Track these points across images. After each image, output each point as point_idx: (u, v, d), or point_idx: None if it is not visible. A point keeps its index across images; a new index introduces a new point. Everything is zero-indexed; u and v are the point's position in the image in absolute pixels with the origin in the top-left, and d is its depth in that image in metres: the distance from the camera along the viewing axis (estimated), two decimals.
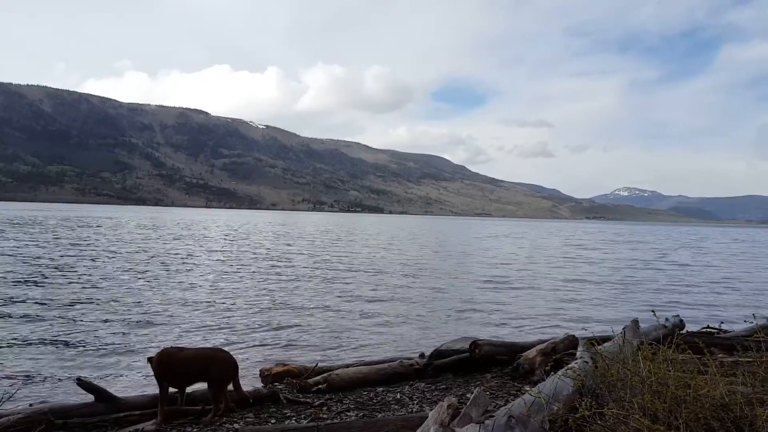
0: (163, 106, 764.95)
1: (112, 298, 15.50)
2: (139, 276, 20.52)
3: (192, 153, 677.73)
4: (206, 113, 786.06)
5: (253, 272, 23.34)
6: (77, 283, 18.24)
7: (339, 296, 17.60)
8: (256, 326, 12.72)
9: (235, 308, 14.90)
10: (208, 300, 16.04)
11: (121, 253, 29.05)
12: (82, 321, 12.49)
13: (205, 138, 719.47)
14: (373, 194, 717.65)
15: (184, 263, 25.67)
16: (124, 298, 15.71)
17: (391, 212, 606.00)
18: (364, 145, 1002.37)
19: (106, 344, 10.61)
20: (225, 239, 46.97)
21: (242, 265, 26.18)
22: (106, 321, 12.58)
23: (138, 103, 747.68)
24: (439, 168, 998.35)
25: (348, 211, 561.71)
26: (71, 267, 22.31)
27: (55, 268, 21.91)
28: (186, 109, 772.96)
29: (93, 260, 25.07)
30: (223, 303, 15.63)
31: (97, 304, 14.55)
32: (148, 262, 25.14)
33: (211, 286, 18.91)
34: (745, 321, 7.00)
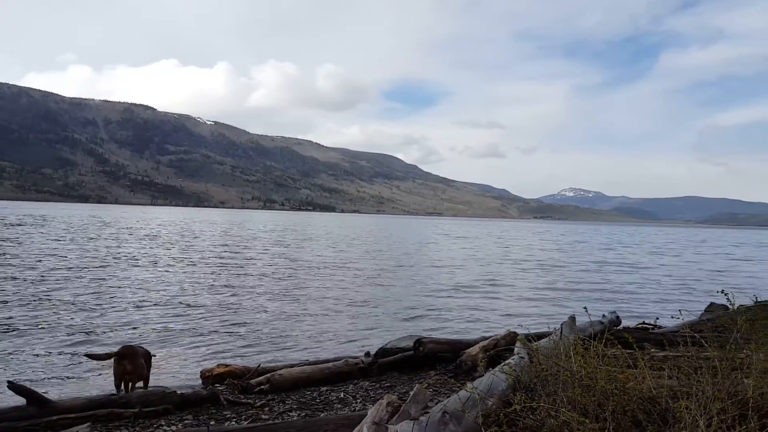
0: (108, 101, 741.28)
1: (47, 299, 14.93)
2: (70, 276, 19.75)
3: (137, 149, 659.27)
4: (153, 109, 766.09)
5: (195, 272, 22.85)
6: (7, 282, 17.50)
7: (284, 296, 17.41)
8: (198, 327, 12.47)
9: (175, 309, 14.54)
10: (147, 301, 15.61)
11: (56, 254, 28.01)
12: (13, 323, 11.99)
13: (151, 134, 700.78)
14: (325, 193, 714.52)
15: (122, 263, 24.94)
16: (56, 298, 15.15)
17: (343, 211, 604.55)
18: (316, 144, 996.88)
19: (43, 347, 10.21)
20: (167, 237, 45.88)
21: (184, 264, 25.62)
22: (37, 324, 12.11)
23: (81, 98, 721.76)
24: (392, 167, 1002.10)
25: (299, 209, 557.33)
26: None
27: None
28: (131, 104, 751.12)
29: (23, 260, 24.08)
30: (163, 304, 15.25)
31: (31, 306, 13.98)
32: (81, 262, 24.31)
33: (150, 287, 18.38)
34: (672, 317, 7.29)
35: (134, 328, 12.03)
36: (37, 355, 9.70)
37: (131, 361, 6.67)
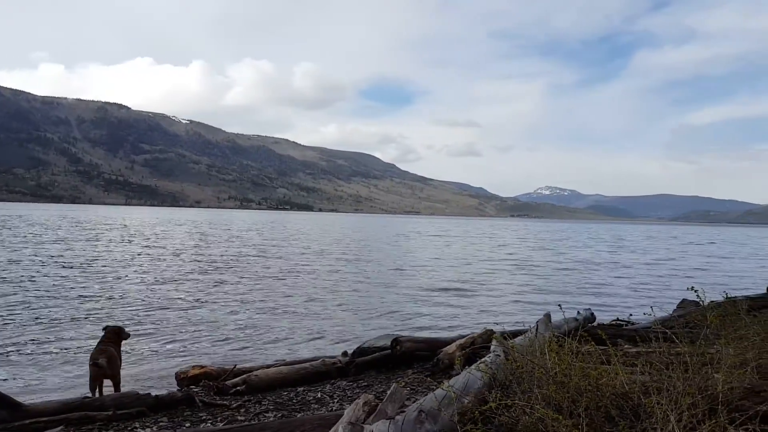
0: (81, 100, 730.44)
1: (19, 302, 14.64)
2: (38, 278, 19.39)
3: (111, 148, 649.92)
4: (127, 107, 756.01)
5: (170, 273, 22.57)
6: None
7: (261, 297, 17.26)
8: (173, 328, 12.33)
9: (148, 310, 14.36)
10: (120, 302, 15.38)
11: (21, 259, 27.49)
12: None
13: (125, 133, 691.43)
14: (303, 192, 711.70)
15: (94, 264, 24.56)
16: (28, 302, 14.86)
17: (320, 210, 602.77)
18: (293, 142, 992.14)
19: (17, 351, 10.01)
20: (141, 238, 45.30)
21: (158, 265, 25.31)
22: (7, 325, 11.87)
23: (54, 97, 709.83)
24: (370, 166, 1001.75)
25: (276, 208, 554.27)
26: None
27: None
28: (105, 102, 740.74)
29: None
30: (136, 305, 15.04)
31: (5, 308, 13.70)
32: (51, 264, 23.90)
33: (122, 288, 18.10)
34: (644, 314, 7.40)
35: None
36: (8, 359, 9.51)
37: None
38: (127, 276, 20.87)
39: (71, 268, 22.47)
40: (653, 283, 25.05)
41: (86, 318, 13.02)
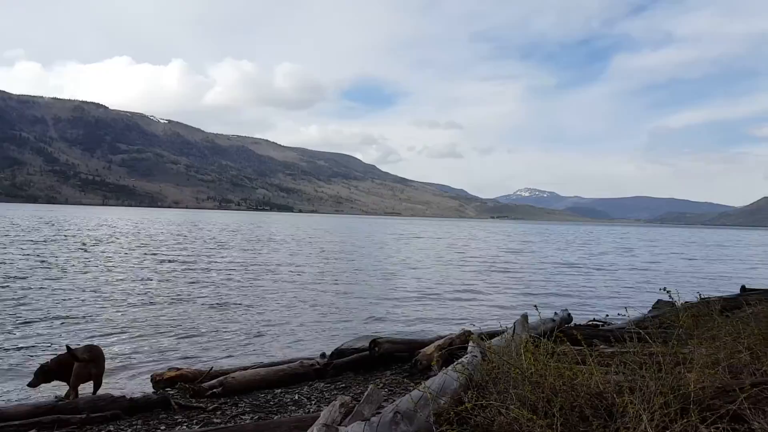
0: (58, 99, 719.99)
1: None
2: (14, 280, 19.05)
3: (88, 148, 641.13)
4: (104, 107, 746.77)
5: (145, 275, 22.27)
6: None
7: (238, 299, 17.06)
8: (149, 330, 12.16)
9: (125, 312, 14.16)
10: (95, 304, 15.15)
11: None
12: None
13: (103, 132, 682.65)
14: (283, 193, 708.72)
15: (69, 266, 24.18)
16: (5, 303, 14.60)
17: (300, 211, 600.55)
18: (273, 143, 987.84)
19: None
20: (119, 239, 44.74)
21: (134, 267, 24.98)
22: None
23: (30, 95, 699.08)
24: (350, 167, 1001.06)
25: (256, 209, 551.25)
26: None
27: None
28: (82, 102, 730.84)
29: None
30: (112, 307, 14.83)
31: None
32: (26, 265, 23.49)
33: (99, 290, 17.81)
34: (618, 315, 7.50)
35: (84, 333, 11.66)
36: None
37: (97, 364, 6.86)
38: (101, 278, 20.56)
39: (46, 269, 22.09)
40: (631, 284, 25.33)
41: (59, 321, 12.80)
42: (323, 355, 9.12)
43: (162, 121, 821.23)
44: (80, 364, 6.73)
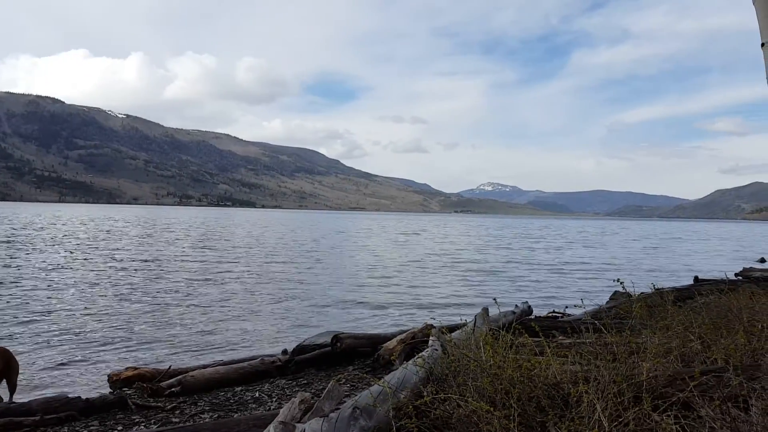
0: (11, 93, 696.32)
1: None
2: None
3: (43, 144, 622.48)
4: (60, 101, 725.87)
5: (102, 275, 21.71)
6: None
7: (198, 297, 16.82)
8: (106, 330, 11.87)
9: (80, 312, 13.80)
10: (50, 305, 14.72)
11: None
12: None
13: (59, 128, 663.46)
14: (245, 188, 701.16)
15: (24, 267, 23.46)
16: None
17: (263, 206, 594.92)
18: (234, 137, 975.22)
19: None
20: (74, 238, 43.59)
21: (90, 266, 24.34)
22: None
23: None
24: (314, 162, 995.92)
25: (217, 205, 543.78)
26: None
27: None
28: (37, 96, 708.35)
29: None
30: (67, 307, 14.43)
31: None
32: None
33: (54, 290, 17.30)
34: (575, 306, 7.65)
35: (37, 334, 11.31)
36: None
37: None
38: (54, 277, 20.00)
39: None
40: (589, 276, 25.87)
41: (6, 324, 12.41)
42: (285, 352, 9.04)
43: (120, 115, 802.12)
44: None
